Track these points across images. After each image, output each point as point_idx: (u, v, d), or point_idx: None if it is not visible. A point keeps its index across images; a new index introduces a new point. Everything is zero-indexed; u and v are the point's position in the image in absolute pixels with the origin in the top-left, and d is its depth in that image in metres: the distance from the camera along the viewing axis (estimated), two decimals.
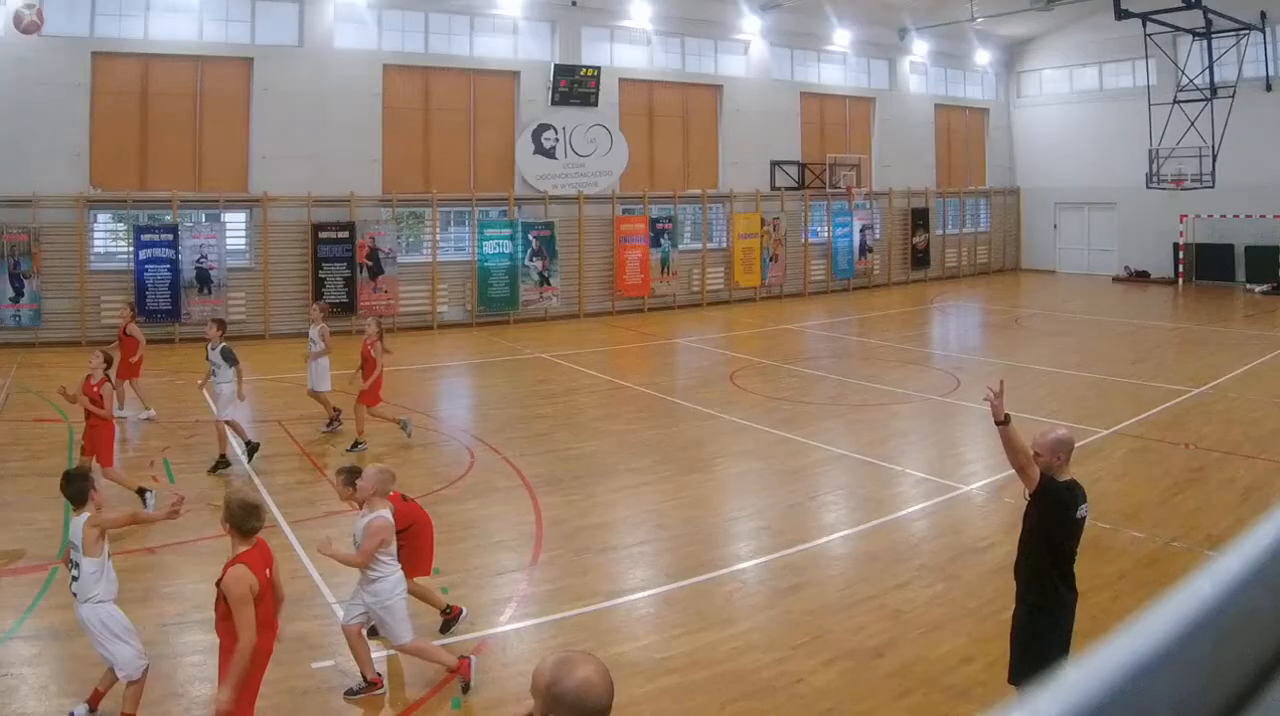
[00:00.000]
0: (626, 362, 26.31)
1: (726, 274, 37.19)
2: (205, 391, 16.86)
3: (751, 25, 37.73)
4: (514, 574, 11.19)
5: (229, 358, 15.58)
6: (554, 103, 33.56)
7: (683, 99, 37.11)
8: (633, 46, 35.88)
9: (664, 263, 35.49)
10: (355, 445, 16.31)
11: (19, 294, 25.82)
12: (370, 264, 30.09)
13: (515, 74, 33.24)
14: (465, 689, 8.47)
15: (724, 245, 37.38)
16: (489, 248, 32.09)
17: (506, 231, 32.46)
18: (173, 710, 8.19)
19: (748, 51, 38.45)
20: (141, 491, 13.40)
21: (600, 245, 34.44)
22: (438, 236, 31.81)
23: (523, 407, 20.14)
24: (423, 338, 29.52)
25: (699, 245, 36.79)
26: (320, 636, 9.46)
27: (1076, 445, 7.58)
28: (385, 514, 8.56)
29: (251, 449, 15.54)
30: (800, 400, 20.43)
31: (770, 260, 38.05)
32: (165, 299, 27.42)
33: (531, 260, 32.74)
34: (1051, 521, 7.18)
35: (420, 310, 31.16)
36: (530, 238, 32.67)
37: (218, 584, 6.93)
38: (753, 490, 14.53)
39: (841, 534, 12.53)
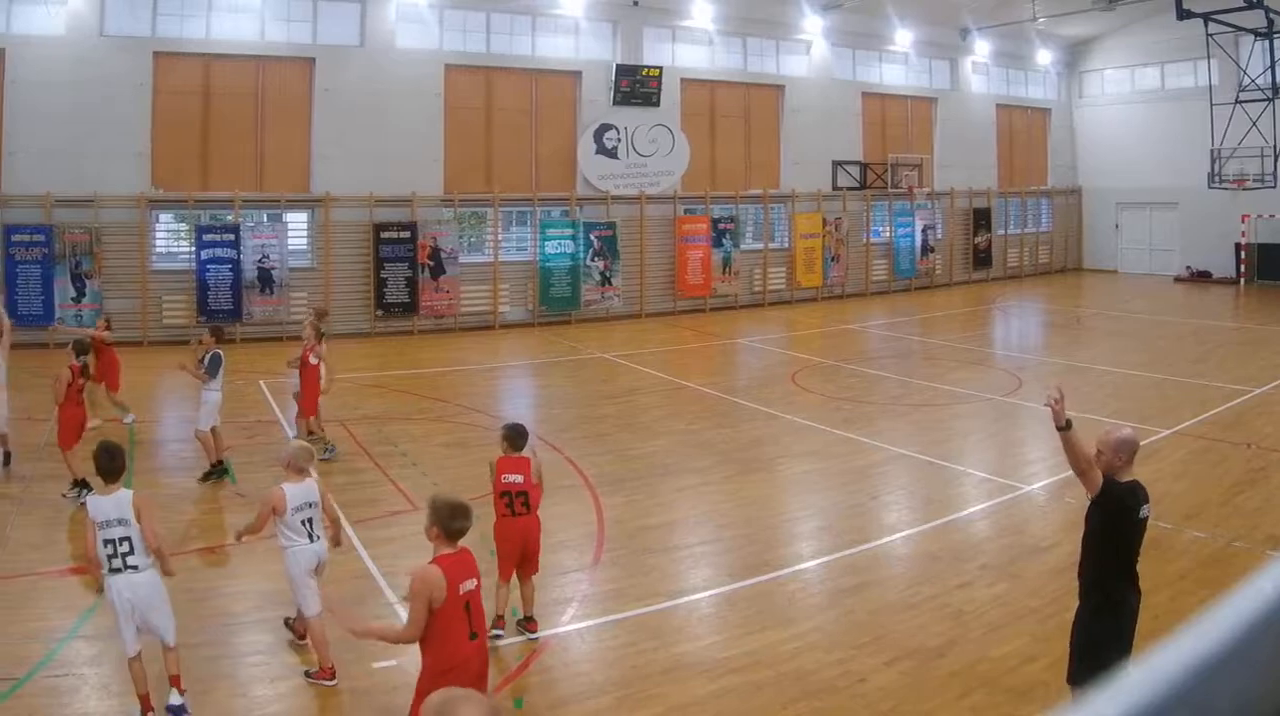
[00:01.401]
0: (688, 363, 24.82)
1: (788, 274, 35.03)
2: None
3: (813, 25, 35.43)
4: (576, 574, 10.74)
5: (215, 366, 14.04)
6: (616, 103, 31.58)
7: (744, 99, 34.88)
8: (694, 46, 33.71)
9: (726, 262, 33.41)
10: (327, 450, 14.80)
11: (80, 294, 24.26)
12: (432, 264, 28.29)
13: (577, 74, 31.28)
14: (309, 674, 8.29)
15: (786, 245, 35.22)
16: (551, 248, 30.25)
17: (568, 231, 30.58)
18: (235, 709, 7.88)
19: (809, 51, 36.11)
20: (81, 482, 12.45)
21: (662, 245, 32.47)
22: (499, 236, 29.95)
23: (584, 407, 19.04)
24: (484, 338, 27.99)
25: (761, 245, 34.66)
26: None
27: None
28: (285, 487, 8.43)
29: (214, 470, 13.94)
30: (862, 400, 19.37)
31: (832, 260, 35.84)
32: (227, 299, 25.75)
33: (593, 260, 30.85)
34: (1113, 523, 6.81)
35: (482, 310, 29.30)
36: (592, 238, 30.80)
37: None
38: (814, 490, 13.89)
39: (903, 534, 11.98)
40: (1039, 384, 19.93)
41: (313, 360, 15.06)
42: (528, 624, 9.11)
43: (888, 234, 38.06)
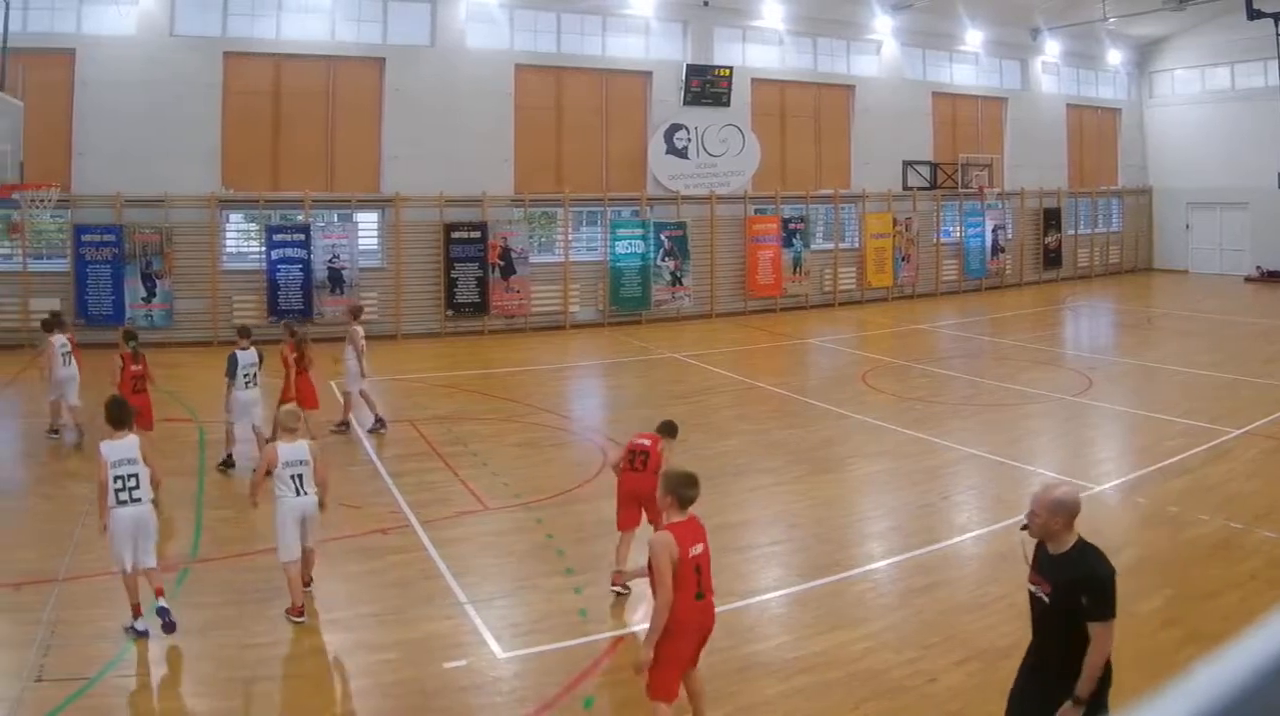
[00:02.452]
0: (759, 363, 23.17)
1: (858, 274, 32.62)
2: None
3: (883, 25, 32.99)
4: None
5: (230, 367, 13.64)
6: (686, 103, 29.41)
7: (815, 99, 32.45)
8: (765, 46, 31.42)
9: (796, 262, 31.15)
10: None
11: (151, 294, 22.68)
12: (502, 264, 26.38)
13: (647, 74, 29.18)
14: (294, 613, 8.70)
15: (856, 245, 32.79)
16: (621, 248, 28.24)
17: (639, 231, 28.53)
18: (307, 708, 7.47)
19: (880, 51, 33.64)
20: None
21: (732, 245, 30.26)
22: (570, 236, 28.01)
23: (655, 407, 17.31)
24: (555, 338, 26.20)
25: (831, 245, 32.32)
26: (452, 636, 8.59)
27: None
28: (278, 445, 9.05)
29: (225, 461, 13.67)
30: (932, 400, 18.27)
31: (903, 260, 33.39)
32: (297, 298, 24.03)
33: (664, 260, 28.75)
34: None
35: (552, 310, 27.34)
36: (662, 238, 28.69)
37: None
38: (885, 490, 13.20)
39: (973, 534, 11.36)
40: (1110, 384, 19.13)
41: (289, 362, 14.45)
42: (615, 575, 9.44)
43: (958, 234, 35.41)
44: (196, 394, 16.71)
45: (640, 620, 8.66)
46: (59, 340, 14.95)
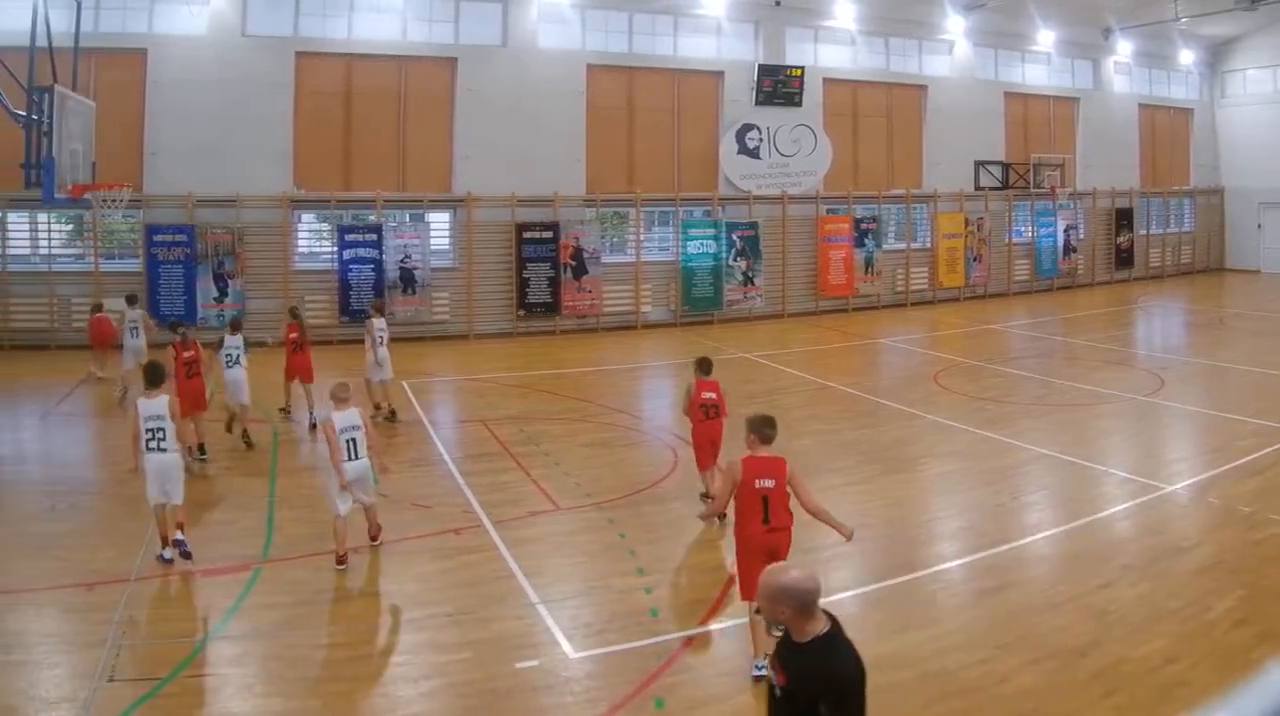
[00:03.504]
0: (830, 363, 21.36)
1: (930, 274, 29.99)
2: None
3: (955, 25, 30.25)
4: (718, 573, 9.47)
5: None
6: (758, 103, 27.01)
7: (887, 99, 29.82)
8: (837, 46, 28.87)
9: (868, 263, 28.63)
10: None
11: (223, 293, 20.97)
12: (574, 264, 24.31)
13: (719, 74, 26.81)
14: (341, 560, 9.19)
15: (928, 245, 30.14)
16: (693, 248, 25.95)
17: (710, 231, 26.20)
18: (378, 708, 6.95)
19: (952, 52, 30.84)
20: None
21: (804, 245, 27.82)
22: (641, 236, 25.83)
23: (727, 407, 15.93)
24: (626, 337, 24.17)
25: (903, 245, 29.75)
26: (523, 636, 8.00)
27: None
28: (332, 415, 9.40)
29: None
30: (1004, 400, 16.99)
31: (974, 260, 30.69)
32: (369, 299, 22.38)
33: (735, 260, 26.45)
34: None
35: (624, 310, 25.14)
36: (734, 238, 26.34)
37: None
38: (956, 490, 12.23)
39: (1045, 534, 10.50)
40: (1182, 384, 17.96)
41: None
42: (705, 497, 10.66)
43: (1030, 234, 32.53)
44: (269, 395, 15.59)
45: (712, 620, 8.41)
46: (133, 314, 16.58)
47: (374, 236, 22.47)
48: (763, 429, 7.43)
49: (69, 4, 16.80)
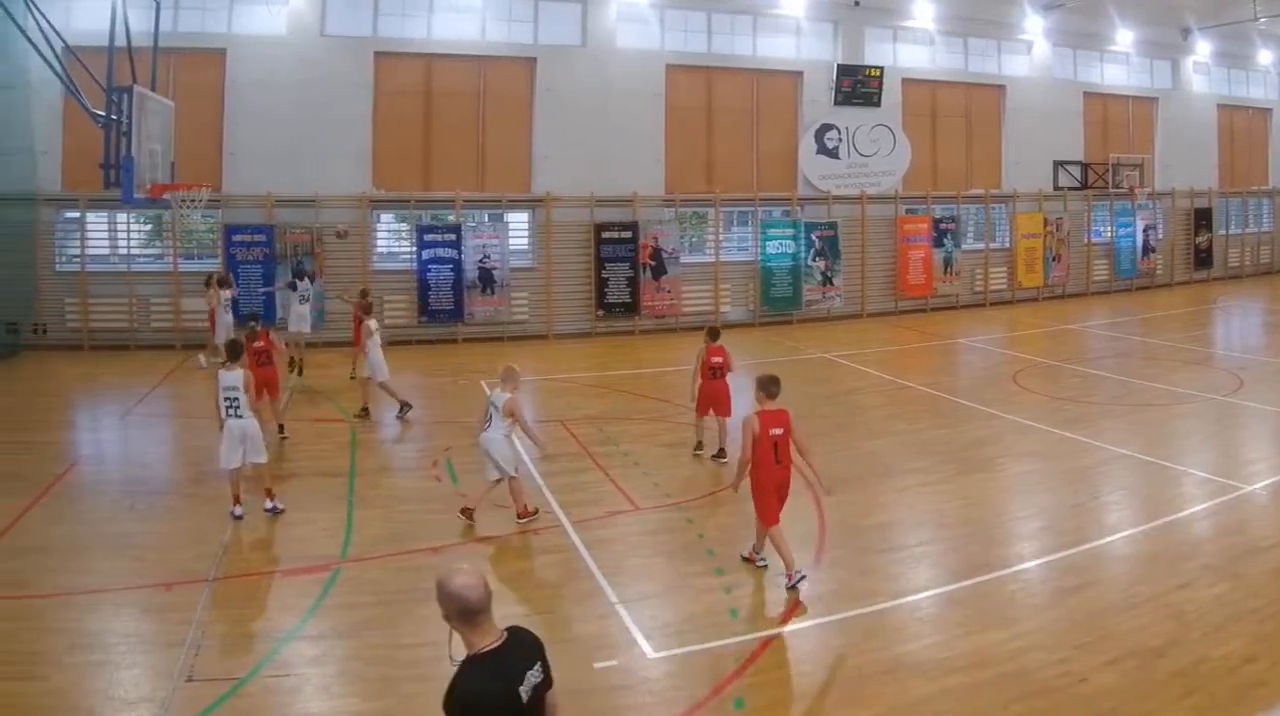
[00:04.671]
0: (909, 363, 19.71)
1: (1009, 274, 27.11)
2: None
3: (1034, 25, 27.42)
4: None
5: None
6: (837, 103, 24.50)
7: (965, 99, 27.05)
8: (915, 46, 26.19)
9: (947, 262, 26.00)
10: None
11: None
12: (653, 264, 22.07)
13: (798, 74, 24.32)
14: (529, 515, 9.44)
15: (1007, 245, 27.26)
16: (772, 248, 23.54)
17: (789, 231, 23.74)
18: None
19: (1030, 52, 27.93)
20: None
21: (883, 245, 25.21)
22: (720, 236, 23.47)
23: (805, 407, 15.00)
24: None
25: (982, 245, 26.91)
26: (602, 637, 7.30)
27: None
28: (503, 394, 9.52)
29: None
30: (1083, 400, 15.71)
31: (1053, 260, 27.85)
32: (448, 299, 20.31)
33: (814, 260, 23.99)
34: None
35: (703, 310, 22.67)
36: (813, 238, 23.85)
37: None
38: (1035, 490, 11.11)
39: (1124, 534, 9.47)
40: (1261, 384, 16.46)
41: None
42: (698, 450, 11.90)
43: (1109, 234, 29.41)
44: (349, 394, 14.86)
45: (790, 621, 7.69)
46: (224, 294, 16.94)
47: (453, 236, 20.48)
48: (769, 387, 8.15)
49: (148, 4, 15.19)
